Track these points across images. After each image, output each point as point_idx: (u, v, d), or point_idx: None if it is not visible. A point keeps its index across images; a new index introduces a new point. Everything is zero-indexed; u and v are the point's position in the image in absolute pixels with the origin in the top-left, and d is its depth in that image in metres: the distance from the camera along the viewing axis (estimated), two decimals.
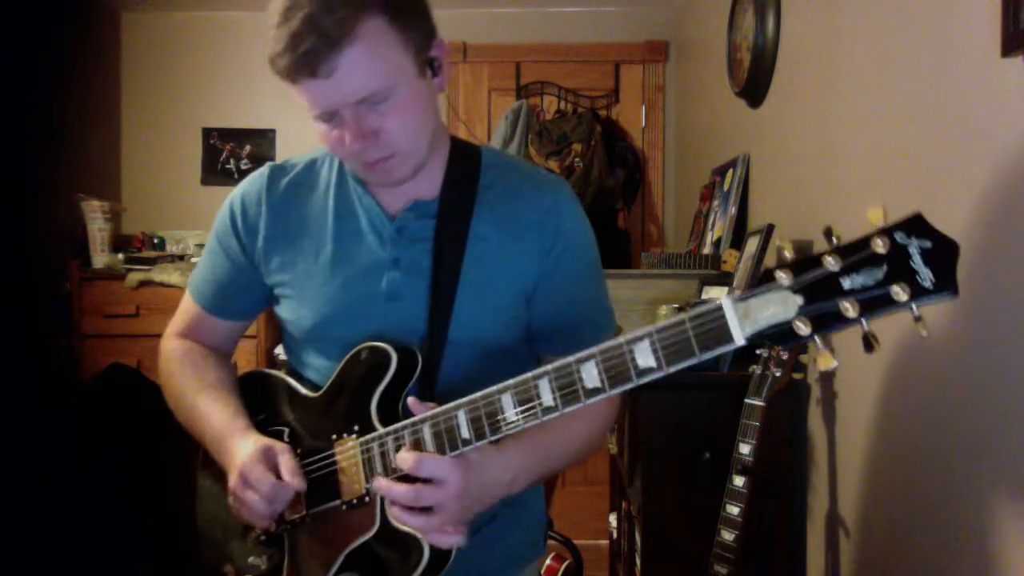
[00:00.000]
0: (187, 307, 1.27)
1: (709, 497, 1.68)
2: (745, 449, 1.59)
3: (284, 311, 1.18)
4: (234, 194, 1.20)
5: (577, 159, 3.45)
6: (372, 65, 0.96)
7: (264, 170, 1.19)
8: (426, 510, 0.94)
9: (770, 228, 1.97)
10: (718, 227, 2.51)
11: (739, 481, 1.59)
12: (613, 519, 2.75)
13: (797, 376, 1.64)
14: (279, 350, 3.08)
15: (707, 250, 2.57)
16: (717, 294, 2.08)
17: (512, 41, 3.76)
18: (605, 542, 3.02)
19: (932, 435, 1.31)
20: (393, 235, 1.11)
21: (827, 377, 1.72)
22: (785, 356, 1.61)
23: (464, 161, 1.15)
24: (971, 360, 1.20)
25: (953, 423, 1.25)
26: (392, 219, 1.12)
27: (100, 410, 2.87)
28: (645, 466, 1.88)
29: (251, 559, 1.15)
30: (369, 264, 1.11)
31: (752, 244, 2.05)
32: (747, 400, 1.62)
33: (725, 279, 2.21)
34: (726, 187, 2.51)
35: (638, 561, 1.98)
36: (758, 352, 1.66)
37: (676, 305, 2.10)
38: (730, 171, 2.50)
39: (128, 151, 3.78)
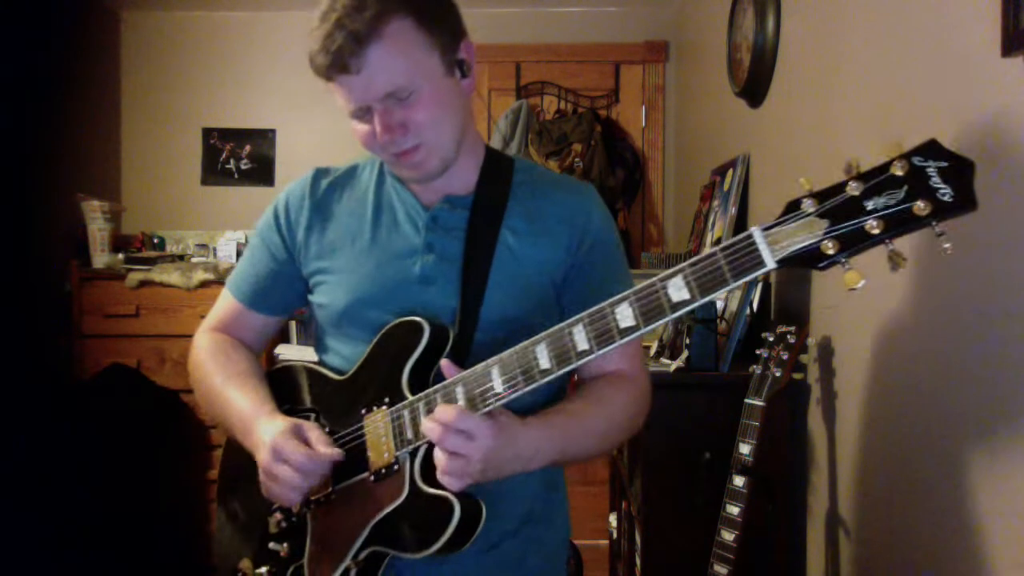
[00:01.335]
0: (223, 303, 1.31)
1: (709, 497, 1.68)
2: (745, 449, 1.59)
3: (319, 297, 1.21)
4: (279, 195, 1.27)
5: (577, 159, 3.45)
6: (398, 61, 1.02)
7: (308, 173, 1.27)
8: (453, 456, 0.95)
9: None
10: (718, 227, 2.51)
11: (739, 481, 1.59)
12: (613, 519, 2.75)
13: (797, 376, 1.64)
14: (279, 350, 3.08)
15: (707, 250, 2.56)
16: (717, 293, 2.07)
17: (512, 41, 3.76)
18: (605, 542, 3.02)
19: (932, 435, 1.31)
20: (428, 222, 1.16)
21: (827, 377, 1.72)
22: (785, 356, 1.62)
23: (498, 164, 1.21)
24: (971, 360, 1.20)
25: (952, 422, 1.25)
26: (427, 210, 1.17)
27: (100, 410, 2.87)
28: (645, 466, 1.88)
29: (271, 544, 1.16)
30: (403, 249, 1.16)
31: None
32: (747, 400, 1.62)
33: None
34: (726, 187, 2.51)
35: (638, 561, 1.98)
36: (758, 352, 1.66)
37: None
38: (730, 171, 2.50)
39: (128, 151, 3.78)
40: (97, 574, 2.72)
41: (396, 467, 1.04)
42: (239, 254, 3.44)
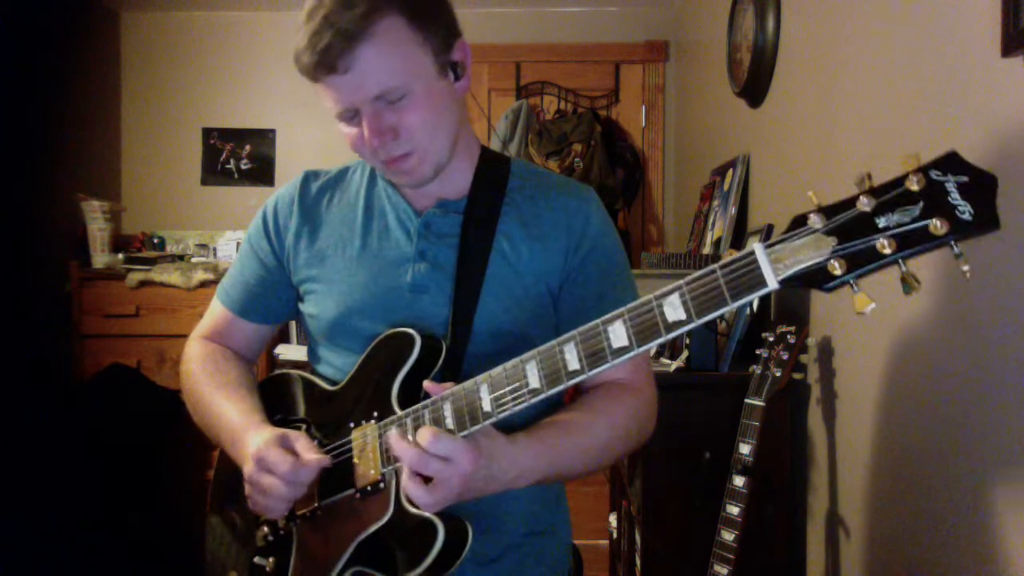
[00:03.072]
0: (214, 311, 1.28)
1: (709, 497, 1.68)
2: (745, 449, 1.59)
3: (309, 306, 1.18)
4: (269, 200, 1.24)
5: (577, 159, 3.45)
6: (389, 61, 0.98)
7: (298, 176, 1.23)
8: (428, 481, 0.91)
9: (770, 228, 1.97)
10: (718, 227, 2.51)
11: (739, 481, 1.59)
12: (613, 519, 2.75)
13: (797, 376, 1.64)
14: (279, 350, 3.08)
15: (707, 250, 2.57)
16: None
17: (512, 41, 3.76)
18: (605, 542, 3.02)
19: (932, 434, 1.31)
20: (420, 229, 1.13)
21: (827, 377, 1.72)
22: (785, 356, 1.62)
23: (493, 166, 1.17)
24: (970, 359, 1.20)
25: (952, 422, 1.25)
26: (419, 215, 1.14)
27: (100, 410, 2.87)
28: (645, 466, 1.88)
29: (257, 559, 1.14)
30: (395, 257, 1.13)
31: (752, 244, 2.05)
32: (747, 400, 1.62)
33: None
34: (726, 187, 2.51)
35: (638, 561, 1.98)
36: (758, 352, 1.66)
37: None
38: (730, 171, 2.50)
39: (128, 151, 3.78)
40: (97, 573, 2.72)
41: (382, 484, 1.01)
42: None
